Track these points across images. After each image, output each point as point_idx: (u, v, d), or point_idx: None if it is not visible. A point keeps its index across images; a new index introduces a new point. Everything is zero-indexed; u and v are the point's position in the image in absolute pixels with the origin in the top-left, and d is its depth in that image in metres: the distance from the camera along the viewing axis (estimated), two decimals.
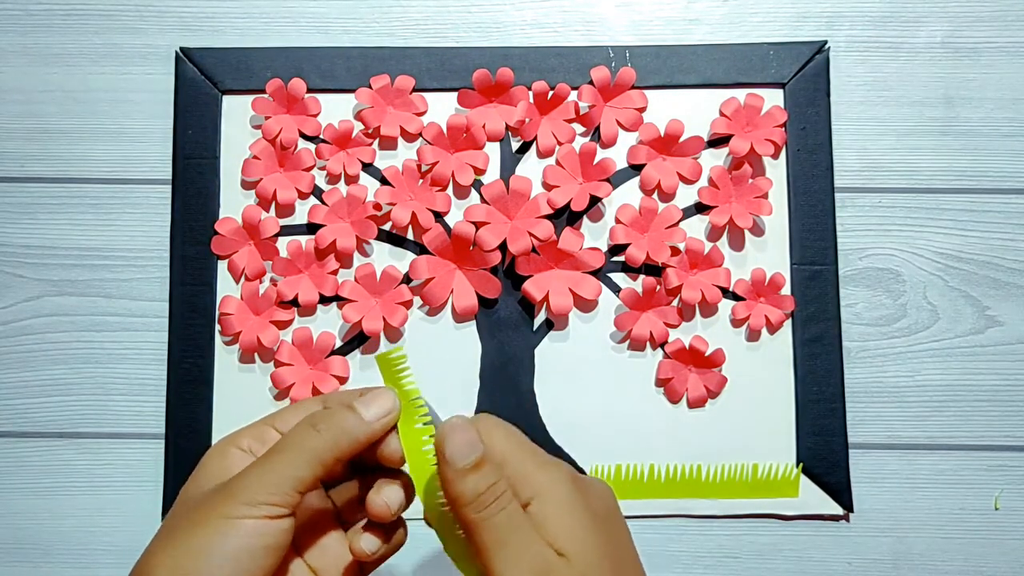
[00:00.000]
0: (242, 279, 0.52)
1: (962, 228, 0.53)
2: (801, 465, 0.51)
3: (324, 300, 0.52)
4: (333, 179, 0.53)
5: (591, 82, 0.53)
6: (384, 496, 0.35)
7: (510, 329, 0.52)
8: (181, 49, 0.53)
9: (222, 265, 0.52)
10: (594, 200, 0.52)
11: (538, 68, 0.53)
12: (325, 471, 0.34)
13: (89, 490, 0.52)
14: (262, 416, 0.37)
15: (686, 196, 0.53)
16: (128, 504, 0.52)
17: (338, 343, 0.52)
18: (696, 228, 0.53)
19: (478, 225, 0.51)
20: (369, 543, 0.35)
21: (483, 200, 0.52)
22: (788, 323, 0.52)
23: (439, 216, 0.52)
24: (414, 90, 0.53)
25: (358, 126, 0.53)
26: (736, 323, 0.52)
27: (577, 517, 0.33)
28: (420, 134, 0.53)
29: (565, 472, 0.35)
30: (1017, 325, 0.52)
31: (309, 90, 0.53)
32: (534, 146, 0.53)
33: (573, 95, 0.53)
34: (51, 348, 0.52)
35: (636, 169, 0.53)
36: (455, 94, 0.53)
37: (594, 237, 0.53)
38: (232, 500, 0.32)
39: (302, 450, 0.33)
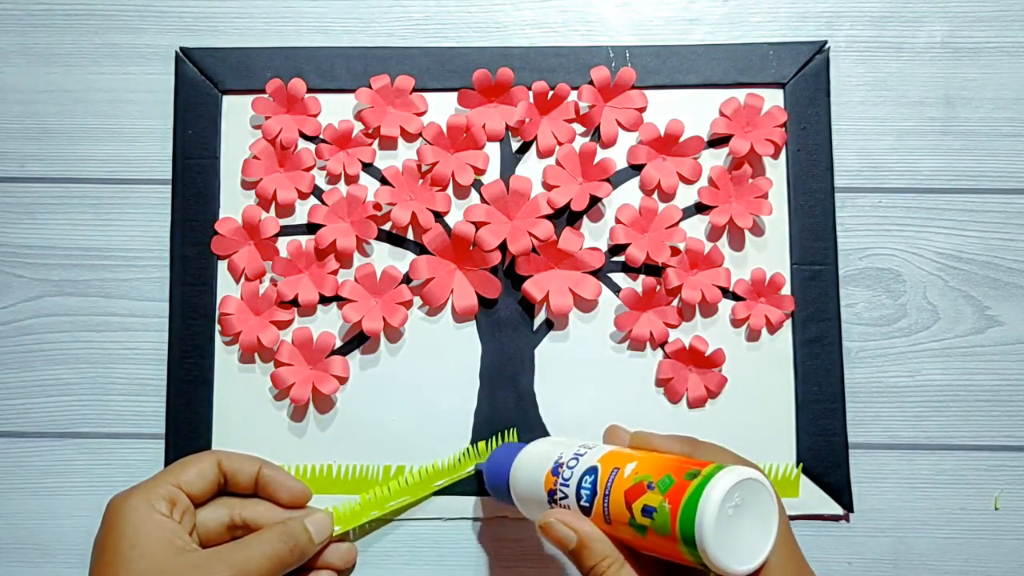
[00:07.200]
0: (242, 279, 0.52)
1: (962, 228, 0.53)
2: (801, 465, 0.51)
3: (324, 300, 0.52)
4: (333, 179, 0.53)
5: (591, 82, 0.53)
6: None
7: (510, 329, 0.52)
8: (181, 49, 0.53)
9: (222, 265, 0.52)
10: (594, 200, 0.52)
11: (538, 68, 0.53)
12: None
13: (89, 490, 0.52)
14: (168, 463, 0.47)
15: (686, 196, 0.53)
16: None
17: (338, 343, 0.52)
18: (696, 228, 0.53)
19: (478, 225, 0.51)
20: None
21: (483, 200, 0.52)
22: (788, 323, 0.52)
23: (439, 216, 0.52)
24: (414, 90, 0.53)
25: (358, 126, 0.53)
26: (736, 323, 0.52)
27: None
28: (420, 134, 0.53)
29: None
30: (1017, 325, 0.52)
31: (309, 90, 0.53)
32: (534, 146, 0.53)
33: (573, 95, 0.53)
34: (51, 348, 0.52)
35: (636, 169, 0.53)
36: (455, 94, 0.53)
37: (594, 237, 0.52)
38: None
39: (273, 558, 0.42)
